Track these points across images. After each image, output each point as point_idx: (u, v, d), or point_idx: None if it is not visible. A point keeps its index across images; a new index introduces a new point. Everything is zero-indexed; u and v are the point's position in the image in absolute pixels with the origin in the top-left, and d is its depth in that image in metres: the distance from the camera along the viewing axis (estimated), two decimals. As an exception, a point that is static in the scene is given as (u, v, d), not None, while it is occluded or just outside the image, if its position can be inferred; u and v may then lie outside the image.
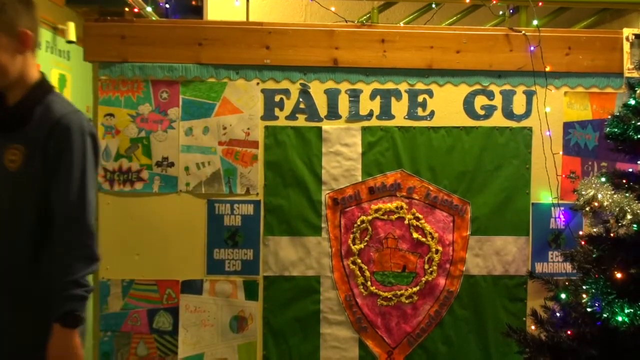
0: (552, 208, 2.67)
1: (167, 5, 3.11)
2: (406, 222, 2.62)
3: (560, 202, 2.65)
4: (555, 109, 2.65)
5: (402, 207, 2.62)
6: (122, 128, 2.56)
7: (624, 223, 1.83)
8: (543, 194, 2.66)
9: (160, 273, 2.58)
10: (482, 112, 2.64)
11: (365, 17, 4.06)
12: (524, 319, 2.65)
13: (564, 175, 2.66)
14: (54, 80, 8.35)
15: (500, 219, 2.66)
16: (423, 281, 2.64)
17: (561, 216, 2.66)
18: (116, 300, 2.58)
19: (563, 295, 2.13)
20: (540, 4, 2.74)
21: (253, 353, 2.62)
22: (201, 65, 2.55)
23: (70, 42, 9.36)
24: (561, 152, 2.67)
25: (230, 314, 2.61)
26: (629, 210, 1.82)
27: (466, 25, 4.19)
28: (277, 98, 2.60)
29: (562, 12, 3.94)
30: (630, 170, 2.08)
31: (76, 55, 9.60)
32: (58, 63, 8.72)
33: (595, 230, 2.10)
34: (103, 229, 2.54)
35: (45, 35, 8.27)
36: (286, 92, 2.59)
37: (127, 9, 2.94)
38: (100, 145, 1.91)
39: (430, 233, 2.63)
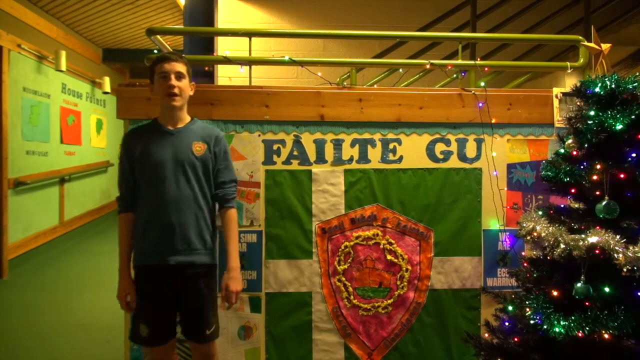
0: (499, 233, 2.66)
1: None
2: (381, 246, 2.60)
3: (506, 228, 2.64)
4: (500, 153, 2.66)
5: (378, 234, 2.60)
6: (148, 173, 2.53)
7: (557, 251, 1.82)
8: (492, 222, 2.65)
9: (180, 291, 2.53)
10: (441, 156, 2.64)
11: (346, 76, 4.10)
12: (479, 324, 2.62)
13: (508, 207, 2.66)
14: (92, 124, 8.38)
15: (458, 243, 2.64)
16: (396, 295, 2.61)
17: (507, 240, 2.65)
18: (144, 315, 2.53)
19: (510, 308, 2.11)
20: (486, 69, 2.76)
21: (257, 357, 2.57)
22: (213, 120, 2.53)
23: (105, 92, 9.44)
24: (506, 188, 2.66)
25: (238, 325, 2.57)
26: (562, 240, 1.80)
27: (426, 81, 4.27)
28: (275, 147, 2.58)
29: (501, 72, 4.01)
30: (562, 205, 2.08)
31: (110, 103, 9.69)
32: (96, 110, 8.79)
33: (535, 253, 2.10)
34: (133, 256, 2.51)
35: (85, 87, 8.36)
36: (282, 142, 2.58)
37: (152, 74, 2.92)
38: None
39: (401, 255, 2.61)
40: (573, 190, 1.97)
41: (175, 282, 2.14)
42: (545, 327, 1.80)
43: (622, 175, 1.81)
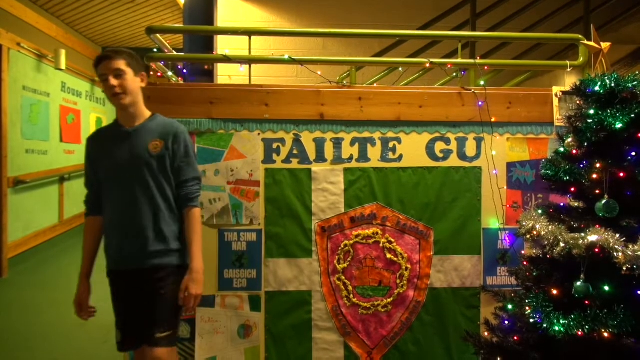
0: (499, 232, 2.65)
1: (185, 70, 3.10)
2: (381, 245, 2.60)
3: (506, 227, 2.64)
4: (499, 152, 2.65)
5: (377, 233, 2.60)
6: (148, 172, 2.53)
7: (557, 250, 1.82)
8: (492, 221, 2.65)
9: (179, 290, 2.54)
10: (441, 155, 2.64)
11: (345, 74, 4.10)
12: (479, 323, 2.62)
13: (508, 206, 2.65)
14: (92, 122, 8.38)
15: (458, 241, 2.64)
16: (396, 293, 2.61)
17: (506, 239, 2.65)
18: (143, 314, 2.53)
19: (510, 306, 2.10)
20: (485, 68, 2.76)
21: (257, 355, 2.57)
22: (212, 119, 2.54)
23: (105, 91, 9.22)
24: (505, 187, 2.66)
25: (238, 323, 2.57)
26: (561, 239, 1.80)
27: (426, 80, 4.27)
28: (274, 145, 2.58)
29: (502, 70, 4.01)
30: (562, 204, 2.09)
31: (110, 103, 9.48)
32: (95, 108, 8.78)
33: (534, 252, 2.11)
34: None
35: (84, 86, 8.36)
36: (282, 140, 2.58)
37: (151, 73, 2.92)
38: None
39: (401, 254, 2.61)
40: (573, 189, 1.97)
41: (141, 285, 2.08)
42: (545, 325, 1.81)
43: (621, 174, 1.80)
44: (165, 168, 2.10)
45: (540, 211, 2.06)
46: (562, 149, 2.02)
